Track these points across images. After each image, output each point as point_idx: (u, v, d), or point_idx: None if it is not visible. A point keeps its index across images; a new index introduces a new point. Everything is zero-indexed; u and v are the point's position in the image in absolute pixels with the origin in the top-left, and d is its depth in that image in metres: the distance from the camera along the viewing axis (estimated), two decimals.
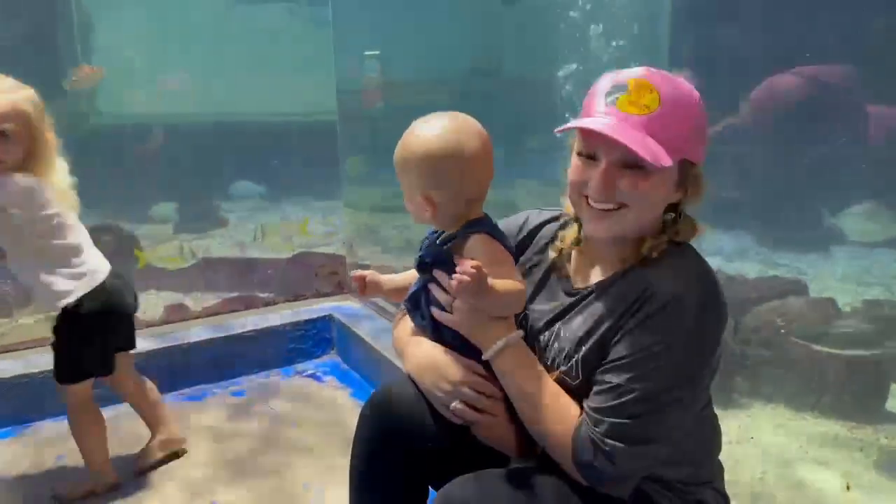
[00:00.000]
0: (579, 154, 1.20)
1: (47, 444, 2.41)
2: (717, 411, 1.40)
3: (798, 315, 2.58)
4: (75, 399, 2.09)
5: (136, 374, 2.29)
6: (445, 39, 5.00)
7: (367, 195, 4.64)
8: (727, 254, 3.49)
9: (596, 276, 1.26)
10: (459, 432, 1.29)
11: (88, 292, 2.01)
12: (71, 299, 1.99)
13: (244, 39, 4.76)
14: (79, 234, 2.06)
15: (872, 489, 1.93)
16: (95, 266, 2.07)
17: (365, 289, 1.47)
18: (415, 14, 4.54)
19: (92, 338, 2.06)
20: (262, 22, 4.73)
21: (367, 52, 5.00)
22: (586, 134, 1.18)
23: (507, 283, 1.25)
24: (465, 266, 1.18)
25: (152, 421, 2.32)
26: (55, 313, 2.03)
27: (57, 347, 2.06)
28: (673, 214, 1.22)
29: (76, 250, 2.04)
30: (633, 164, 1.13)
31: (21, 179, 1.89)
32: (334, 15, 4.09)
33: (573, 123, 1.18)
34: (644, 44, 3.64)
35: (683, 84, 1.18)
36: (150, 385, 2.32)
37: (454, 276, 1.19)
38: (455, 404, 1.26)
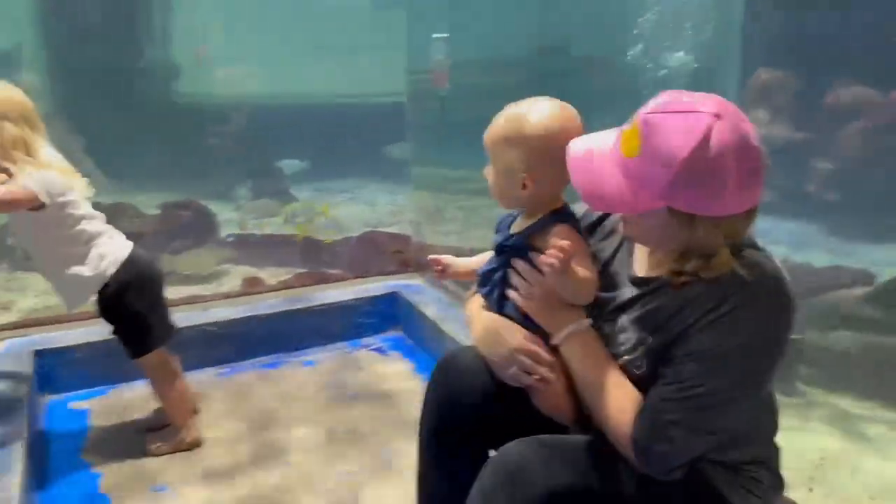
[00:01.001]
0: None
1: (137, 403, 2.58)
2: (780, 398, 1.42)
3: (859, 305, 2.53)
4: (152, 367, 2.22)
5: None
6: (514, 18, 4.99)
7: (433, 176, 4.72)
8: (797, 243, 3.43)
9: (661, 268, 1.28)
10: (518, 398, 1.36)
11: (119, 269, 2.08)
12: (103, 282, 2.07)
13: (318, 22, 4.89)
14: (93, 218, 2.11)
15: None
16: (118, 244, 2.13)
17: (443, 271, 1.55)
18: None
19: (143, 308, 2.14)
20: (335, 4, 4.84)
21: (435, 35, 5.05)
22: None
23: (584, 272, 1.31)
24: (558, 245, 1.24)
25: (169, 409, 2.35)
26: (93, 299, 2.11)
27: (118, 330, 2.17)
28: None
29: (96, 234, 2.09)
30: None
31: (39, 172, 1.95)
32: None
33: (578, 145, 1.24)
34: (714, 24, 3.58)
35: (681, 136, 1.09)
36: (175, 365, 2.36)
37: (547, 252, 1.25)
38: (512, 370, 1.34)
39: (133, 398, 2.59)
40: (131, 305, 2.13)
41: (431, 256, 1.61)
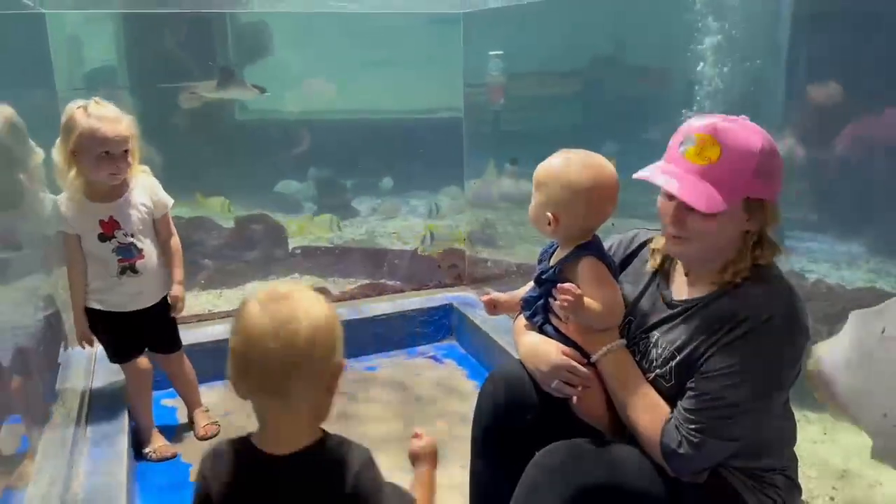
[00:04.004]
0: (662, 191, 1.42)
1: (213, 402, 2.80)
2: (806, 413, 1.54)
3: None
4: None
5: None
6: (569, 29, 5.10)
7: (486, 190, 4.88)
8: (836, 261, 3.45)
9: (693, 292, 1.47)
10: (559, 407, 1.56)
11: None
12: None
13: (376, 37, 5.06)
14: None
15: None
16: None
17: (494, 308, 1.77)
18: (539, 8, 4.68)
19: None
20: (394, 22, 5.04)
21: (491, 53, 5.23)
22: None
23: (605, 301, 1.50)
24: (564, 293, 1.46)
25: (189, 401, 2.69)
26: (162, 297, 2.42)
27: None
28: (756, 238, 1.40)
29: None
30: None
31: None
32: (464, 15, 4.27)
33: (644, 174, 1.41)
34: (761, 42, 3.64)
35: (748, 134, 1.33)
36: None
37: (555, 300, 1.48)
38: (555, 383, 1.53)
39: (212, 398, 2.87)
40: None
41: (484, 297, 1.81)
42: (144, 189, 2.33)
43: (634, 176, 1.43)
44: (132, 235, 2.30)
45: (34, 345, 2.40)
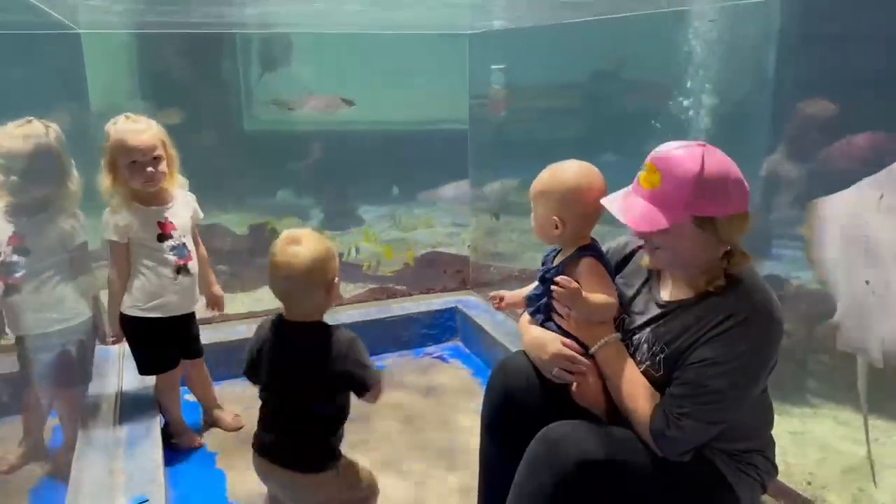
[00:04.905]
0: None
1: (234, 398, 2.96)
2: (789, 408, 1.68)
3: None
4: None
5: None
6: (570, 43, 5.20)
7: (490, 199, 5.05)
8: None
9: (679, 294, 1.65)
10: (560, 394, 1.73)
11: None
12: None
13: (385, 49, 5.20)
14: None
15: None
16: None
17: (501, 303, 1.97)
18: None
19: None
20: (404, 40, 5.18)
21: (493, 66, 5.40)
22: None
23: (601, 296, 1.69)
24: (562, 281, 1.65)
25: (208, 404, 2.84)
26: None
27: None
28: (727, 249, 1.57)
29: None
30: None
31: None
32: (470, 35, 4.40)
33: (606, 200, 1.63)
34: (749, 65, 3.81)
35: (687, 161, 1.48)
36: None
37: (554, 287, 1.66)
38: (555, 370, 1.72)
39: (234, 394, 3.03)
40: None
41: (492, 294, 2.01)
42: (186, 197, 2.51)
43: (601, 200, 1.64)
44: (183, 236, 2.46)
45: (71, 346, 2.58)
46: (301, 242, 1.73)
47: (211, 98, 5.92)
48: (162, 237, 2.42)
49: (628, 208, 1.55)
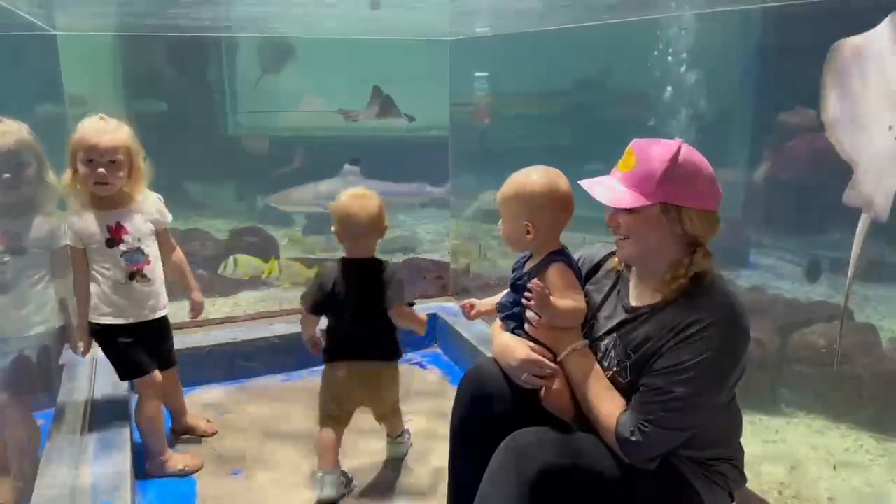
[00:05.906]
0: None
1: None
2: (762, 416, 1.68)
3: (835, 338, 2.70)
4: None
5: None
6: (554, 53, 5.22)
7: (470, 206, 5.06)
8: (800, 278, 3.63)
9: (646, 299, 1.65)
10: (529, 399, 1.73)
11: None
12: None
13: (368, 55, 5.21)
14: None
15: (884, 490, 2.21)
16: None
17: (472, 310, 1.96)
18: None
19: None
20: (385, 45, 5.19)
21: (477, 73, 5.42)
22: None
23: (568, 302, 1.70)
24: (534, 286, 1.65)
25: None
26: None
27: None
28: (693, 249, 1.58)
29: None
30: (624, 208, 1.56)
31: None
32: (451, 42, 4.38)
33: (583, 182, 1.64)
34: (727, 75, 3.85)
35: (662, 148, 1.55)
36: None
37: (525, 294, 1.66)
38: (524, 376, 1.71)
39: (208, 399, 3.01)
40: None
41: (463, 302, 2.01)
42: (150, 202, 2.45)
43: (579, 182, 1.66)
44: (139, 240, 2.38)
45: (38, 352, 2.54)
46: (368, 197, 2.26)
47: (195, 101, 5.90)
48: (111, 242, 2.36)
49: (600, 185, 1.60)
